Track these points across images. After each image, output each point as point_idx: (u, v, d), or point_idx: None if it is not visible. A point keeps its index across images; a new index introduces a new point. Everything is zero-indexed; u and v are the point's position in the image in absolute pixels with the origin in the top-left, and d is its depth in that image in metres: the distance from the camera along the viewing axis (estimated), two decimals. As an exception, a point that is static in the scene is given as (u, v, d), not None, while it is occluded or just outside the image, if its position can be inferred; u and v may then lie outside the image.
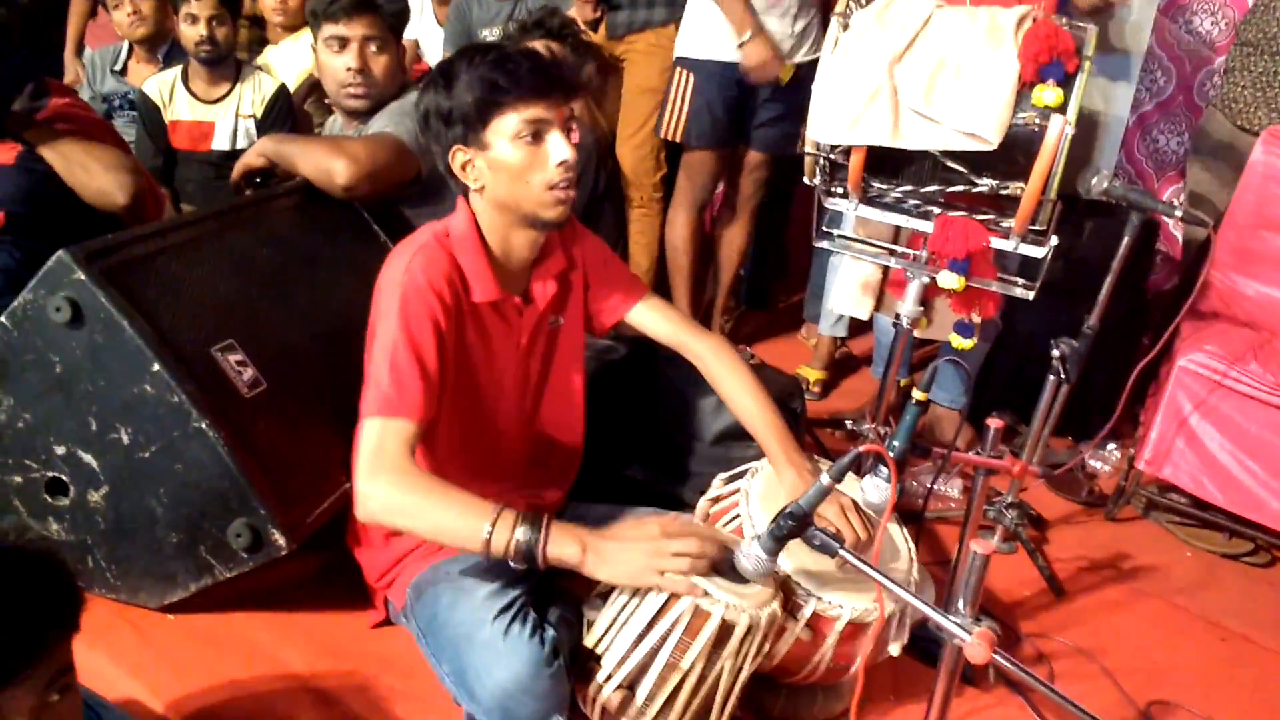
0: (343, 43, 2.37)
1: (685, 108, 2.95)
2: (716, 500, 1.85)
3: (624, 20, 3.03)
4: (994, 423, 1.77)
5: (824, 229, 2.30)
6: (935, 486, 2.59)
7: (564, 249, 1.82)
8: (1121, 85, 3.20)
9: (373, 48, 2.39)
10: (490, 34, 3.22)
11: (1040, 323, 2.59)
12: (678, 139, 2.99)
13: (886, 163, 2.06)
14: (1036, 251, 2.06)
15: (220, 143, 3.22)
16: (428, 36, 3.77)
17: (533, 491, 1.90)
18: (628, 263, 3.12)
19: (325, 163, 2.17)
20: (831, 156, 2.10)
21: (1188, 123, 3.48)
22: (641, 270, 3.20)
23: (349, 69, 2.37)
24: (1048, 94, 1.90)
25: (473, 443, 1.79)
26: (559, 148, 1.61)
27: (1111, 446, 2.91)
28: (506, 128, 1.60)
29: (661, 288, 3.22)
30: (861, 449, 1.42)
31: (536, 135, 1.60)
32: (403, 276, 1.61)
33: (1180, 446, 2.43)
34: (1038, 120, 1.92)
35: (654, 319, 1.92)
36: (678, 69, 2.95)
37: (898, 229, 2.29)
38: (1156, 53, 3.48)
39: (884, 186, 2.12)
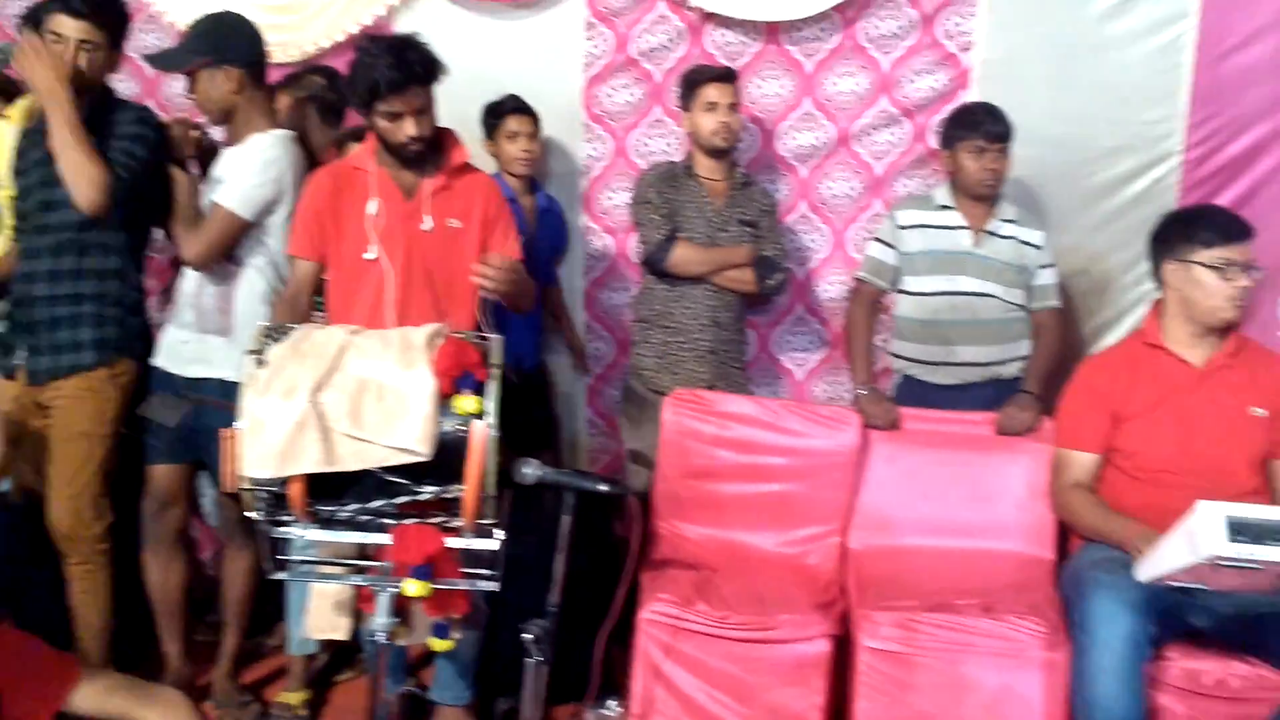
0: None
1: None
2: None
3: (46, 366, 2.77)
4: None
5: (279, 559, 2.21)
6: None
7: None
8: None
9: None
10: None
11: (527, 595, 2.67)
12: None
13: (329, 484, 2.06)
14: (491, 544, 2.16)
15: None
16: None
17: None
18: (74, 631, 2.76)
19: None
20: (271, 489, 2.06)
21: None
22: (94, 632, 2.82)
23: None
24: (467, 403, 2.05)
25: None
26: None
27: (612, 703, 3.02)
28: None
29: (124, 643, 2.88)
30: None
31: None
32: None
33: (661, 694, 2.60)
34: (463, 427, 2.05)
35: (97, 703, 1.67)
36: None
37: (361, 545, 2.28)
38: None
39: (332, 507, 2.11)
